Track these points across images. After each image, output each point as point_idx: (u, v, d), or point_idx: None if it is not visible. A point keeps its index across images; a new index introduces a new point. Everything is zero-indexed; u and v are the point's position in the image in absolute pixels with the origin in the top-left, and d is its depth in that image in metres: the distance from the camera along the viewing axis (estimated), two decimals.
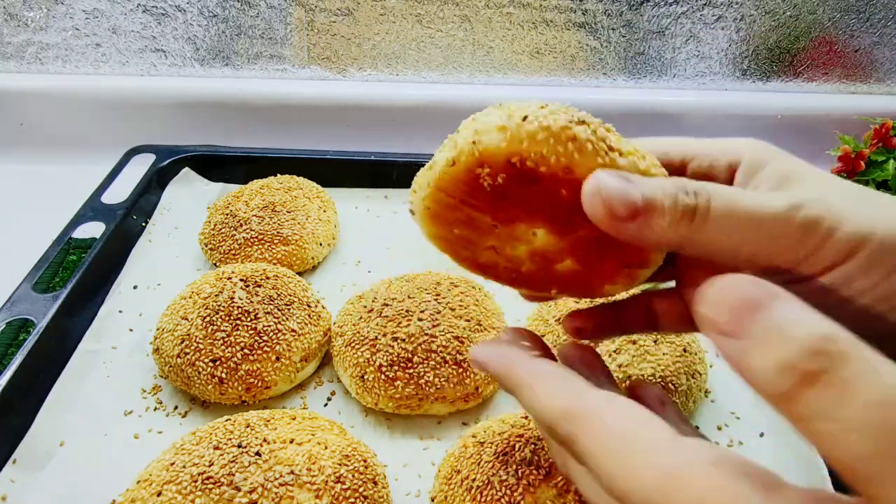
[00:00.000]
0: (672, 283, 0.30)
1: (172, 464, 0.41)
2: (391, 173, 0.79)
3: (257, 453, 0.42)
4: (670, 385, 0.50)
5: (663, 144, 0.28)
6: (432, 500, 0.46)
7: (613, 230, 0.22)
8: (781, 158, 0.25)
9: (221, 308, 0.53)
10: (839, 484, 0.46)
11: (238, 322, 0.52)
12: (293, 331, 0.54)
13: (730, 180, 0.26)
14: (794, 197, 0.22)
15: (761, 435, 0.53)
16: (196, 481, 0.40)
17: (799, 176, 0.24)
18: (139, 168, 0.75)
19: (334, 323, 0.57)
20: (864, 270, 0.21)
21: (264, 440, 0.43)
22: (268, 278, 0.57)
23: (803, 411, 0.17)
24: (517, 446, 0.42)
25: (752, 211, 0.21)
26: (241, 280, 0.56)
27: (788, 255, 0.22)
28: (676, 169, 0.28)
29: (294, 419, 0.46)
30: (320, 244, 0.68)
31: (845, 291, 0.21)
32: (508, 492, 0.40)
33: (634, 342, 0.51)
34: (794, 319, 0.17)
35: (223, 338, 0.52)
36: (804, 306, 0.18)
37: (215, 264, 0.65)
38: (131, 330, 0.59)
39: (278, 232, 0.65)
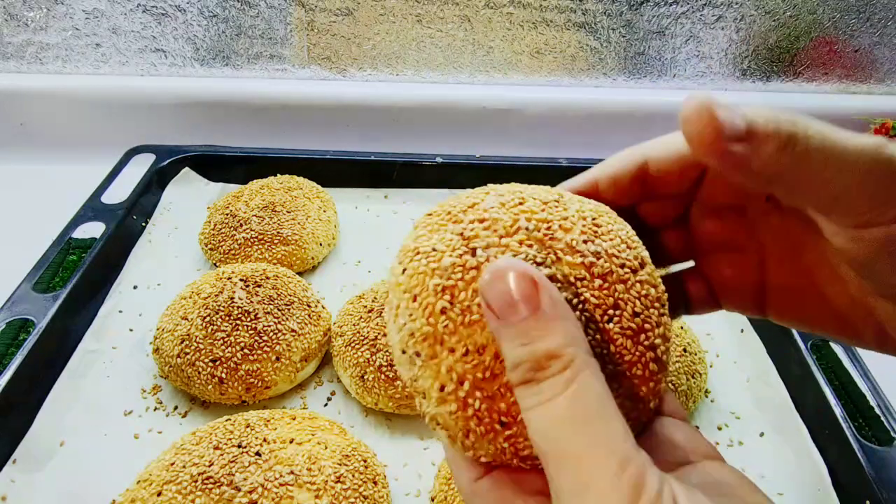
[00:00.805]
0: (691, 263, 0.30)
1: (172, 464, 0.41)
2: (391, 173, 0.79)
3: (257, 453, 0.42)
4: (670, 385, 0.50)
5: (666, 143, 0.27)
6: (432, 500, 0.46)
7: (716, 155, 0.20)
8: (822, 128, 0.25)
9: (221, 308, 0.53)
10: (839, 483, 0.46)
11: (238, 322, 0.52)
12: (293, 331, 0.54)
13: None
14: (871, 143, 0.21)
15: (761, 435, 0.53)
16: (196, 481, 0.40)
17: None
18: (139, 168, 0.75)
19: (334, 323, 0.57)
20: None
21: (264, 440, 0.43)
22: (268, 278, 0.57)
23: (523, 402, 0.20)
24: None
25: (843, 146, 0.20)
26: (241, 280, 0.56)
27: (869, 198, 0.21)
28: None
29: (294, 419, 0.46)
30: (320, 244, 0.68)
31: None
32: None
33: None
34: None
35: (223, 338, 0.52)
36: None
37: (215, 264, 0.65)
38: (131, 330, 0.59)
39: (278, 232, 0.65)
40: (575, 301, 0.23)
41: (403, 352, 0.24)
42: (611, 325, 0.24)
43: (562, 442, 0.19)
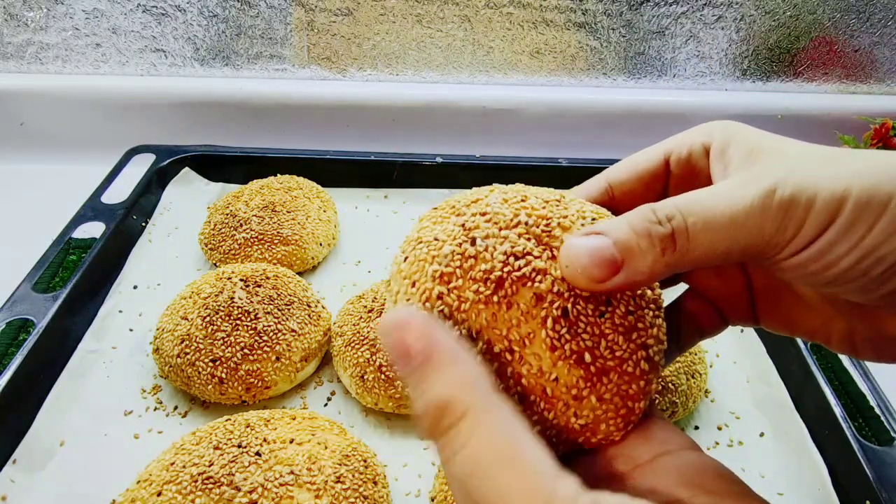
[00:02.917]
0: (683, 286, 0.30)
1: (172, 464, 0.41)
2: (391, 173, 0.79)
3: (257, 453, 0.42)
4: (670, 385, 0.50)
5: (643, 156, 0.29)
6: (432, 500, 0.46)
7: (604, 291, 0.23)
8: (743, 135, 0.25)
9: (221, 308, 0.53)
10: (839, 483, 0.46)
11: (238, 322, 0.52)
12: (293, 331, 0.54)
13: (709, 160, 0.27)
14: (764, 179, 0.22)
15: (761, 435, 0.53)
16: (196, 481, 0.40)
17: (762, 148, 0.24)
18: (139, 168, 0.75)
19: (334, 323, 0.57)
20: (844, 233, 0.21)
21: (264, 440, 0.43)
22: (268, 278, 0.57)
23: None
24: None
25: (729, 213, 0.22)
26: (241, 280, 0.56)
27: (774, 241, 0.22)
28: (661, 168, 0.28)
29: (294, 419, 0.46)
30: (320, 244, 0.68)
31: (829, 257, 0.22)
32: None
33: None
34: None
35: (223, 338, 0.52)
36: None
37: (215, 264, 0.65)
38: (131, 330, 0.59)
39: (278, 232, 0.65)
40: (567, 295, 0.24)
41: None
42: (602, 319, 0.24)
43: (479, 494, 0.18)
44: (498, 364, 0.23)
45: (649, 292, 0.25)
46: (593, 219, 0.26)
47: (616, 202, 0.29)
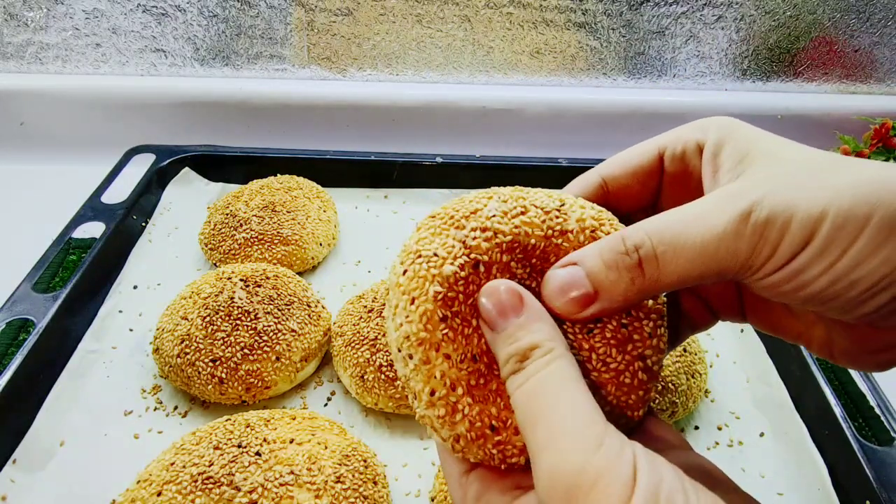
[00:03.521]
0: None
1: (172, 464, 0.41)
2: (391, 173, 0.79)
3: (257, 453, 0.42)
4: (670, 385, 0.50)
5: (637, 150, 0.29)
6: (432, 500, 0.46)
7: (584, 320, 0.25)
8: (739, 136, 0.25)
9: (221, 308, 0.53)
10: (839, 483, 0.46)
11: (238, 322, 0.52)
12: (293, 331, 0.54)
13: (702, 160, 0.27)
14: (743, 199, 0.22)
15: (761, 435, 0.53)
16: (196, 481, 0.40)
17: (754, 155, 0.24)
18: (139, 168, 0.75)
19: (334, 323, 0.57)
20: (817, 256, 0.21)
21: (264, 440, 0.43)
22: (268, 278, 0.57)
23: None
24: None
25: (700, 240, 0.22)
26: (241, 280, 0.56)
27: (748, 263, 0.22)
28: (655, 164, 0.28)
29: (294, 419, 0.46)
30: (320, 244, 0.68)
31: (802, 278, 0.22)
32: None
33: None
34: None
35: (223, 338, 0.52)
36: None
37: (215, 264, 0.65)
38: (131, 330, 0.59)
39: (278, 232, 0.65)
40: (553, 315, 0.24)
41: (399, 350, 0.25)
42: (590, 335, 0.25)
43: (536, 409, 0.21)
44: (497, 384, 0.24)
45: (650, 302, 0.25)
46: (592, 230, 0.26)
47: (611, 197, 0.29)
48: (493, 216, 0.25)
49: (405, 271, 0.25)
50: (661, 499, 0.19)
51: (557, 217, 0.26)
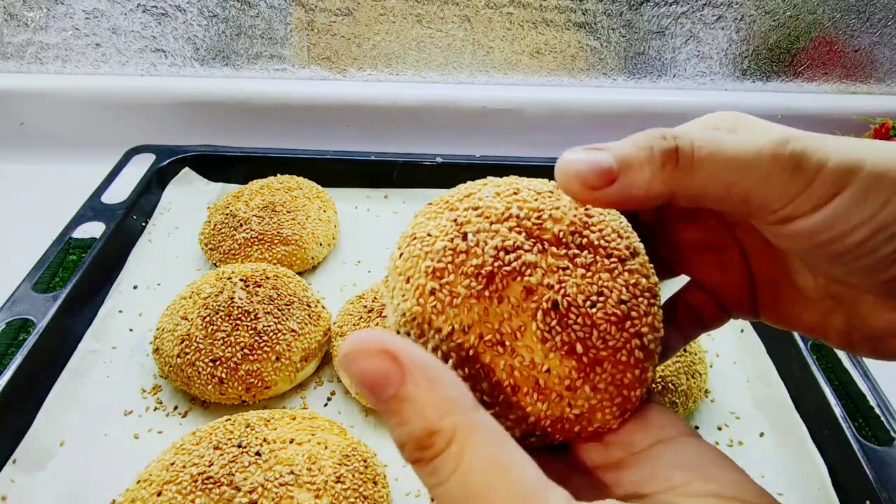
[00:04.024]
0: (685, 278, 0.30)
1: (172, 464, 0.41)
2: (391, 173, 0.79)
3: (257, 453, 0.42)
4: (670, 385, 0.50)
5: None
6: (432, 501, 0.46)
7: (597, 202, 0.22)
8: (751, 123, 0.25)
9: (221, 308, 0.53)
10: (839, 483, 0.46)
11: (238, 322, 0.52)
12: (293, 331, 0.54)
13: None
14: (780, 133, 0.21)
15: (761, 435, 0.53)
16: (196, 481, 0.40)
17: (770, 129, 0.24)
18: (139, 168, 0.75)
19: (334, 323, 0.57)
20: (856, 203, 0.20)
21: (264, 440, 0.43)
22: (268, 278, 0.57)
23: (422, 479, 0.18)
24: None
25: (738, 149, 0.21)
26: (241, 280, 0.56)
27: (779, 194, 0.21)
28: None
29: (294, 419, 0.46)
30: (320, 244, 0.68)
31: (840, 227, 0.21)
32: None
33: None
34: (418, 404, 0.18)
35: (223, 338, 0.52)
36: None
37: (215, 264, 0.65)
38: (131, 330, 0.59)
39: (278, 232, 0.65)
40: (557, 287, 0.24)
41: (398, 332, 0.25)
42: (594, 310, 0.24)
43: None
44: (490, 357, 0.23)
45: (644, 280, 0.25)
46: (586, 209, 0.26)
47: None
48: (486, 196, 0.26)
49: (401, 254, 0.25)
50: None
51: (550, 197, 0.26)
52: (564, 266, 0.24)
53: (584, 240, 0.25)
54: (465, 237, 0.24)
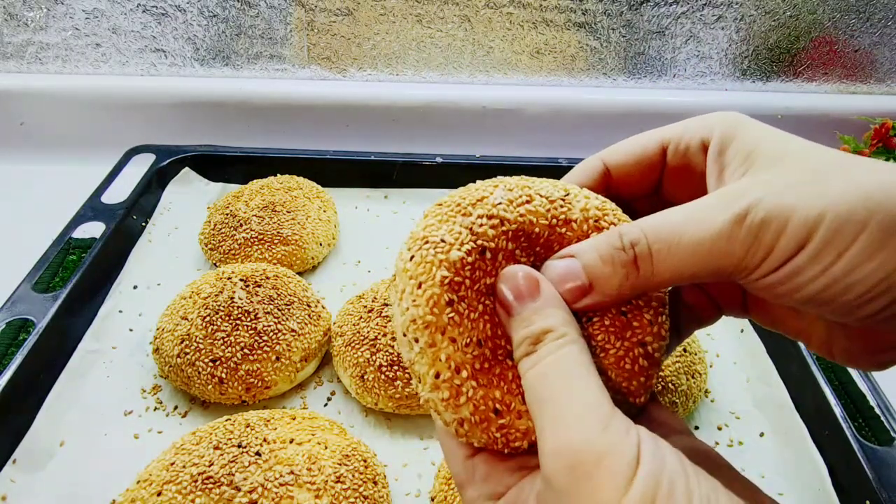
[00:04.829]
0: None
1: (172, 464, 0.41)
2: (391, 173, 0.79)
3: (257, 453, 0.42)
4: (670, 385, 0.50)
5: (641, 140, 0.29)
6: (432, 500, 0.46)
7: (580, 310, 0.25)
8: (744, 134, 0.25)
9: (221, 308, 0.53)
10: (839, 483, 0.46)
11: (238, 322, 0.52)
12: (293, 331, 0.54)
13: (705, 157, 0.27)
14: (741, 200, 0.22)
15: (761, 435, 0.53)
16: (196, 481, 0.40)
17: (758, 154, 0.24)
18: (139, 168, 0.75)
19: (334, 323, 0.57)
20: (813, 259, 0.21)
21: (264, 440, 0.43)
22: (268, 278, 0.57)
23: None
24: None
25: (694, 240, 0.22)
26: (241, 280, 0.56)
27: (742, 264, 0.22)
28: (658, 156, 0.28)
29: (294, 419, 0.46)
30: (320, 244, 0.68)
31: (797, 280, 0.22)
32: None
33: None
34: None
35: (223, 338, 0.52)
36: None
37: (215, 264, 0.65)
38: (131, 330, 0.59)
39: (278, 232, 0.65)
40: None
41: (404, 335, 0.25)
42: (590, 323, 0.25)
43: (546, 390, 0.22)
44: (501, 369, 0.24)
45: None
46: (596, 220, 0.26)
47: (612, 183, 0.29)
48: (499, 204, 0.26)
49: (412, 257, 0.25)
50: (664, 480, 0.19)
51: (562, 206, 0.26)
52: None
53: None
54: (482, 253, 0.25)
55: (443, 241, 0.25)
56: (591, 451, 0.20)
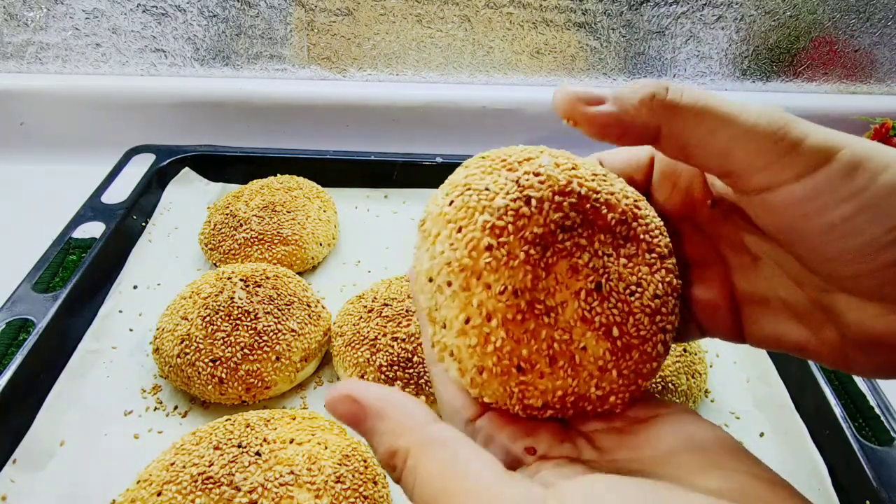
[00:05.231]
0: None
1: (172, 464, 0.41)
2: (391, 173, 0.79)
3: (257, 453, 0.42)
4: (670, 385, 0.50)
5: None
6: None
7: (587, 120, 0.23)
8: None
9: (221, 308, 0.53)
10: (839, 483, 0.46)
11: (238, 322, 0.52)
12: (293, 331, 0.54)
13: None
14: (761, 107, 0.21)
15: (761, 435, 0.53)
16: (196, 481, 0.40)
17: None
18: (139, 168, 0.75)
19: (334, 323, 0.57)
20: (842, 177, 0.20)
21: (264, 440, 0.43)
22: (268, 278, 0.57)
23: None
24: None
25: (723, 103, 0.21)
26: (241, 280, 0.56)
27: (761, 155, 0.21)
28: (646, 158, 0.28)
29: (294, 419, 0.46)
30: (320, 244, 0.68)
31: (823, 199, 0.20)
32: None
33: None
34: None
35: (223, 338, 0.52)
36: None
37: (215, 264, 0.65)
38: (131, 330, 0.59)
39: (278, 232, 0.65)
40: (602, 271, 0.25)
41: (431, 279, 0.24)
42: (632, 298, 0.25)
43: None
44: (535, 325, 0.24)
45: (674, 280, 0.26)
46: (636, 201, 0.26)
47: None
48: (547, 164, 0.25)
49: (451, 202, 0.25)
50: None
51: (605, 181, 0.26)
52: (609, 253, 0.25)
53: (631, 232, 0.26)
54: (528, 201, 0.24)
55: (487, 189, 0.24)
56: None
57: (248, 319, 0.53)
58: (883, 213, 0.20)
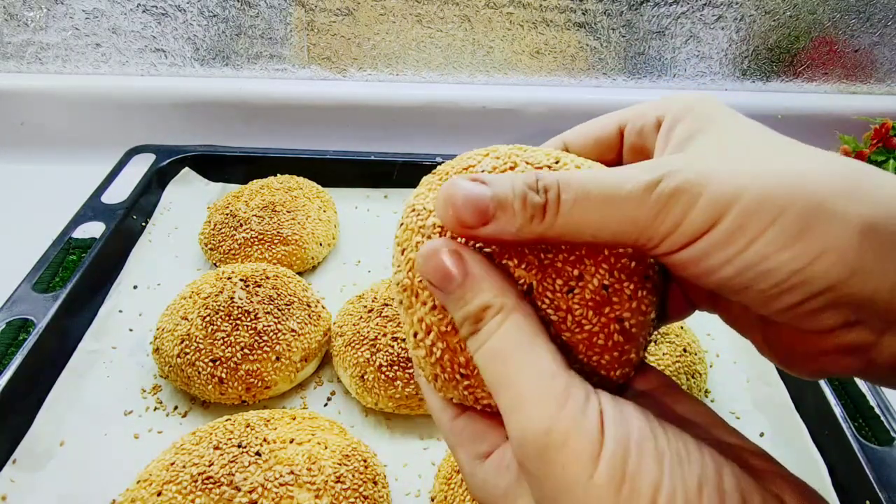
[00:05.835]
0: None
1: (172, 464, 0.41)
2: (391, 173, 0.79)
3: (257, 453, 0.42)
4: None
5: (601, 121, 0.29)
6: (432, 500, 0.46)
7: (470, 238, 0.23)
8: (697, 113, 0.24)
9: (221, 308, 0.53)
10: (839, 483, 0.46)
11: (238, 322, 0.52)
12: (293, 331, 0.54)
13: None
14: (659, 168, 0.21)
15: (761, 435, 0.53)
16: (196, 481, 0.40)
17: (703, 132, 0.23)
18: (139, 168, 0.75)
19: (334, 323, 0.57)
20: (725, 241, 0.20)
21: (264, 440, 0.43)
22: (268, 278, 0.57)
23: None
24: None
25: (601, 197, 0.21)
26: (241, 280, 0.56)
27: (647, 232, 0.21)
28: (615, 137, 0.28)
29: (294, 419, 0.46)
30: (320, 244, 0.68)
31: (710, 262, 0.20)
32: None
33: None
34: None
35: (223, 338, 0.52)
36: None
37: (215, 264, 0.65)
38: (131, 330, 0.59)
39: (278, 232, 0.65)
40: (535, 272, 0.24)
41: (395, 299, 0.27)
42: (570, 295, 0.24)
43: (498, 370, 0.21)
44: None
45: (632, 263, 0.25)
46: None
47: None
48: (483, 171, 0.26)
49: (401, 224, 0.26)
50: (632, 448, 0.19)
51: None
52: (547, 250, 0.24)
53: None
54: None
55: (425, 208, 0.26)
56: (554, 433, 0.19)
57: (248, 319, 0.53)
58: (764, 273, 0.20)
